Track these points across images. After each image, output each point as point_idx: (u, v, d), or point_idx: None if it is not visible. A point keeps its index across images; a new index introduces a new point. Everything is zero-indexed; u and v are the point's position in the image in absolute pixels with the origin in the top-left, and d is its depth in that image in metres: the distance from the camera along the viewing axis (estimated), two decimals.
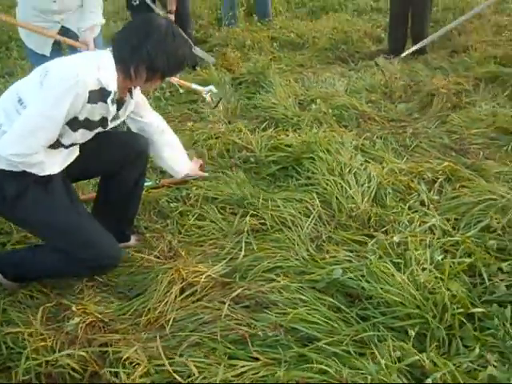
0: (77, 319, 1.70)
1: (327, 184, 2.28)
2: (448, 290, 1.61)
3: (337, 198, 2.20)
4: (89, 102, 1.62)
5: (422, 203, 2.20)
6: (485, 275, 1.74)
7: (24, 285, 1.90)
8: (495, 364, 1.37)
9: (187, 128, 3.05)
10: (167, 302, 1.78)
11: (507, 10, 4.88)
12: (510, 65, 3.49)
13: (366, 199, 2.20)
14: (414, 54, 4.27)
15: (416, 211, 2.13)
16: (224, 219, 2.25)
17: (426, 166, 2.47)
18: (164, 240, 2.13)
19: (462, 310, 1.57)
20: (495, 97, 3.16)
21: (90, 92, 1.60)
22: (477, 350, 1.42)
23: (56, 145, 1.68)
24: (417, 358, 1.38)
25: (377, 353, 1.39)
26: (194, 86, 2.58)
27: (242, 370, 1.44)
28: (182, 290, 1.83)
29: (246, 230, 2.10)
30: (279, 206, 2.22)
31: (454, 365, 1.39)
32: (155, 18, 1.73)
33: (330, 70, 4.06)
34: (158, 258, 2.04)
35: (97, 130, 1.78)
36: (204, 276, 1.87)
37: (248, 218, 2.16)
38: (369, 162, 2.48)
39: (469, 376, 1.36)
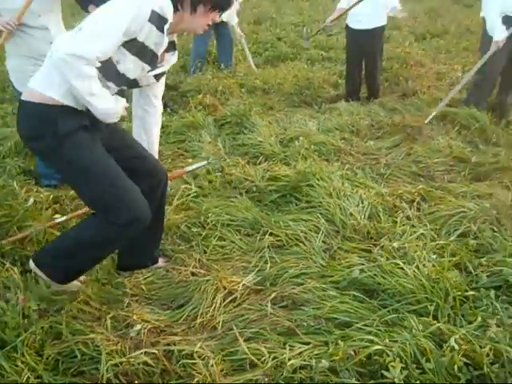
0: (138, 326, 1.98)
1: (329, 206, 2.71)
2: (447, 279, 2.07)
3: (339, 216, 2.64)
4: (149, 21, 1.75)
5: (408, 218, 2.69)
6: (471, 268, 2.23)
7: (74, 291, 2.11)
8: (494, 330, 1.82)
9: (186, 164, 3.40)
10: (214, 307, 2.10)
11: (442, 59, 5.74)
12: (455, 105, 4.19)
13: (363, 216, 2.66)
14: (369, 97, 4.94)
15: (405, 224, 2.61)
16: (241, 240, 2.62)
17: (403, 189, 2.99)
18: (194, 258, 2.45)
19: (459, 293, 2.03)
20: (448, 132, 3.80)
21: (152, 11, 1.75)
22: (479, 319, 1.87)
23: (110, 71, 1.80)
24: (436, 326, 1.81)
25: (414, 323, 1.80)
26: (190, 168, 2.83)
27: (300, 350, 1.80)
28: (224, 298, 2.17)
29: (266, 245, 2.48)
30: (290, 225, 2.62)
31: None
32: None
33: (299, 112, 4.60)
34: (193, 273, 2.36)
35: (146, 67, 1.90)
36: (240, 285, 2.22)
37: (267, 236, 2.54)
38: (357, 187, 2.96)
39: (477, 337, 1.79)
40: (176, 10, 1.86)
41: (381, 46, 4.75)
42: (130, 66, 1.87)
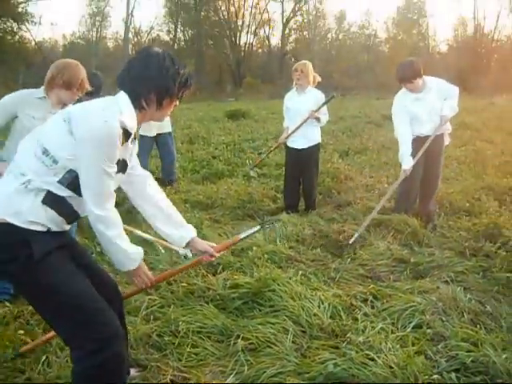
0: None
1: (293, 308, 2.97)
2: (415, 364, 2.35)
3: (304, 317, 2.90)
4: (121, 144, 1.88)
5: (366, 314, 3.00)
6: (431, 355, 2.53)
7: None
8: None
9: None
10: None
11: (367, 172, 6.51)
12: (387, 213, 4.76)
13: (326, 316, 2.93)
14: (307, 209, 5.44)
15: (364, 320, 2.91)
16: (213, 345, 2.77)
17: (356, 290, 3.34)
18: (170, 366, 2.56)
19: (426, 377, 2.31)
20: (384, 237, 4.30)
21: (122, 129, 1.85)
22: None
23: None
24: None
25: None
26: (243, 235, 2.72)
27: None
28: None
29: (240, 349, 2.65)
30: (259, 329, 2.82)
31: None
32: (150, 48, 1.98)
33: (244, 224, 4.97)
34: (172, 380, 2.46)
35: (119, 175, 2.00)
36: None
37: (239, 340, 2.72)
38: (315, 290, 3.26)
39: None
40: (141, 108, 1.94)
41: (316, 162, 5.35)
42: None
